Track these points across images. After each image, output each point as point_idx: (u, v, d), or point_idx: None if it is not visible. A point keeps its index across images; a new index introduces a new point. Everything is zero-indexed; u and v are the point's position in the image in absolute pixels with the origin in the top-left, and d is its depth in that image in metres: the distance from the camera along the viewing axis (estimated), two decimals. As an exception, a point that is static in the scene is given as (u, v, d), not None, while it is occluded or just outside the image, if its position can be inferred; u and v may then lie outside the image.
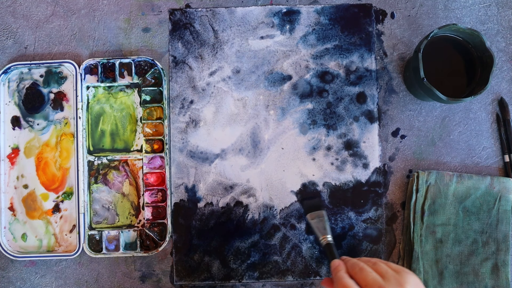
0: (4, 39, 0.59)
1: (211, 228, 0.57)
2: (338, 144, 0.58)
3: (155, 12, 0.59)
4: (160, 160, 0.57)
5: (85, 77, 0.58)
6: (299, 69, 0.58)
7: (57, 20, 0.59)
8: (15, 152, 0.58)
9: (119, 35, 0.59)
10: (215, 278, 0.56)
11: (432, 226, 0.55)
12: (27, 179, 0.58)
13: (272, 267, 0.56)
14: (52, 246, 0.57)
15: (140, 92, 0.58)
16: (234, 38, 0.59)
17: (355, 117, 0.58)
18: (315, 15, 0.59)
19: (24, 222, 0.57)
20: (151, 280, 0.57)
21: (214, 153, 0.58)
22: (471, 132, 0.58)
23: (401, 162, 0.58)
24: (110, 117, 0.58)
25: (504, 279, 0.54)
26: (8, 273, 0.57)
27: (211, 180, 0.57)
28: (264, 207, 0.57)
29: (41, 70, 0.59)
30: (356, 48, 0.58)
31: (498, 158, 0.58)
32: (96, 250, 0.56)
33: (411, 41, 0.59)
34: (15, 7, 0.60)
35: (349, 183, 0.57)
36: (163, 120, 0.57)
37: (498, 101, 0.58)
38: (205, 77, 0.58)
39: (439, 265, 0.55)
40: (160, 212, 0.57)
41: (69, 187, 0.58)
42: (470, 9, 0.59)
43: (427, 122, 0.58)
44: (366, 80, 0.58)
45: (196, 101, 0.58)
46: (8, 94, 0.59)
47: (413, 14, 0.59)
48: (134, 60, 0.58)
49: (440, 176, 0.56)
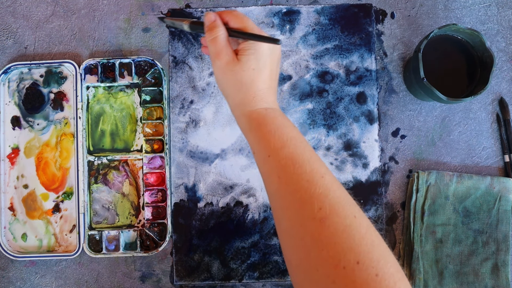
0: (4, 39, 0.59)
1: (211, 228, 0.57)
2: (338, 144, 0.58)
3: (155, 12, 0.59)
4: (160, 160, 0.57)
5: (85, 77, 0.58)
6: (299, 69, 0.58)
7: (57, 20, 0.59)
8: (15, 152, 0.58)
9: (119, 35, 0.59)
10: (215, 278, 0.56)
11: (432, 226, 0.55)
12: (27, 179, 0.58)
13: (272, 267, 0.56)
14: (52, 246, 0.57)
15: (140, 92, 0.58)
16: (234, 38, 0.59)
17: (355, 117, 0.58)
18: (315, 15, 0.59)
19: (24, 222, 0.57)
20: (151, 280, 0.57)
21: (214, 153, 0.58)
22: (471, 132, 0.58)
23: (401, 162, 0.58)
24: (110, 117, 0.58)
25: (504, 279, 0.54)
26: (8, 273, 0.57)
27: (211, 180, 0.57)
28: (264, 207, 0.57)
29: (41, 70, 0.59)
30: (356, 48, 0.58)
31: (498, 158, 0.58)
32: (96, 250, 0.56)
33: (411, 41, 0.59)
34: (15, 7, 0.60)
35: (349, 183, 0.57)
36: (163, 120, 0.57)
37: (498, 101, 0.58)
38: (205, 77, 0.58)
39: (439, 265, 0.55)
40: (160, 212, 0.57)
41: (69, 187, 0.58)
42: (470, 9, 0.59)
43: (427, 122, 0.58)
44: (366, 80, 0.58)
45: (196, 101, 0.58)
46: (8, 94, 0.59)
47: (413, 14, 0.59)
48: (134, 60, 0.58)
49: (440, 176, 0.56)
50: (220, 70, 0.40)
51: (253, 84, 0.39)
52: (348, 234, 0.32)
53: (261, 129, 0.39)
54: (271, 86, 0.41)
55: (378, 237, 0.33)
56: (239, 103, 0.40)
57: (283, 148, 0.37)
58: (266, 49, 0.39)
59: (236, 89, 0.40)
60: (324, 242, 0.32)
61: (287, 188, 0.36)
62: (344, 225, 0.32)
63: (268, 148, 0.38)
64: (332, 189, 0.34)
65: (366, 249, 0.31)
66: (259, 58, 0.39)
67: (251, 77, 0.39)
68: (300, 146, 0.37)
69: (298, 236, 0.34)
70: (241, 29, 0.40)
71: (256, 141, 0.39)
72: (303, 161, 0.36)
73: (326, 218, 0.33)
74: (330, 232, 0.32)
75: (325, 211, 0.33)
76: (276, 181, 0.37)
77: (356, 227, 0.32)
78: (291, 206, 0.35)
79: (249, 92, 0.40)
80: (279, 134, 0.38)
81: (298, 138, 0.38)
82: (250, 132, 0.40)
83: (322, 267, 0.32)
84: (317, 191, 0.34)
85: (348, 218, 0.33)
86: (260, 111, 0.40)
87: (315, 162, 0.36)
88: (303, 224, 0.34)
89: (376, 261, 0.31)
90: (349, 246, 0.31)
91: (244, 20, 0.40)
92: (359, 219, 0.33)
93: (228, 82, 0.40)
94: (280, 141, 0.37)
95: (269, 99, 0.40)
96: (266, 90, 0.40)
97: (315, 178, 0.35)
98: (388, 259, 0.31)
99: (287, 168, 0.36)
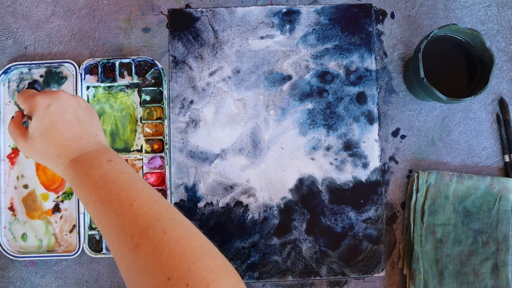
0: (4, 39, 0.59)
1: (211, 228, 0.57)
2: (338, 144, 0.58)
3: (155, 12, 0.59)
4: (160, 160, 0.57)
5: (85, 77, 0.58)
6: (299, 69, 0.58)
7: (57, 20, 0.59)
8: (15, 152, 0.58)
9: (119, 35, 0.59)
10: (215, 278, 0.56)
11: (432, 226, 0.55)
12: (27, 179, 0.58)
13: (272, 267, 0.56)
14: (52, 246, 0.57)
15: (140, 92, 0.58)
16: (234, 38, 0.59)
17: (355, 117, 0.58)
18: (315, 15, 0.59)
19: (24, 222, 0.57)
20: (151, 280, 0.57)
21: (214, 153, 0.58)
22: (471, 132, 0.58)
23: (401, 162, 0.58)
24: (110, 117, 0.58)
25: (504, 279, 0.54)
26: (8, 273, 0.57)
27: (211, 180, 0.57)
28: (264, 207, 0.57)
29: (41, 70, 0.59)
30: (356, 48, 0.58)
31: (498, 158, 0.58)
32: (96, 250, 0.56)
33: (411, 41, 0.59)
34: (15, 7, 0.60)
35: (349, 183, 0.57)
36: (163, 120, 0.57)
37: (498, 101, 0.58)
38: (205, 77, 0.58)
39: (439, 265, 0.55)
40: (160, 212, 0.57)
41: (69, 187, 0.58)
42: (470, 9, 0.59)
43: (427, 122, 0.58)
44: (366, 80, 0.58)
45: (196, 101, 0.58)
46: (8, 94, 0.59)
47: (413, 14, 0.59)
48: (134, 60, 0.58)
49: (440, 176, 0.56)
50: (22, 150, 0.46)
51: (49, 147, 0.43)
52: (156, 254, 0.33)
53: (75, 181, 0.41)
54: (72, 136, 0.43)
55: (193, 240, 0.34)
56: (53, 165, 0.44)
57: (94, 192, 0.39)
58: (40, 108, 0.44)
59: (42, 157, 0.44)
60: (140, 270, 0.33)
61: (104, 228, 0.38)
62: (153, 245, 0.34)
63: (83, 197, 0.40)
64: (141, 213, 0.36)
65: (174, 262, 0.32)
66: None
67: (43, 143, 0.43)
68: (109, 182, 0.39)
69: (122, 268, 0.36)
70: (25, 107, 0.46)
71: (76, 192, 0.41)
72: (112, 197, 0.37)
73: (138, 245, 0.34)
74: (143, 258, 0.33)
75: (136, 238, 0.34)
76: (97, 223, 0.39)
77: (164, 243, 0.33)
78: (112, 241, 0.37)
79: (51, 154, 0.43)
80: (87, 179, 0.40)
81: (108, 174, 0.39)
82: (72, 185, 0.42)
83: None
84: (126, 222, 0.36)
85: (156, 237, 0.34)
86: (69, 165, 0.42)
87: (124, 192, 0.38)
88: (123, 257, 0.35)
89: (186, 270, 0.32)
90: (159, 266, 0.33)
91: (22, 100, 0.46)
92: (170, 233, 0.34)
93: (34, 155, 0.45)
94: (90, 186, 0.39)
95: (71, 149, 0.43)
96: (66, 144, 0.43)
97: (123, 209, 0.36)
98: (201, 262, 0.32)
99: (101, 210, 0.38)
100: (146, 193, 0.38)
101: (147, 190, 0.39)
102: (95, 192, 0.39)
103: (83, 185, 0.40)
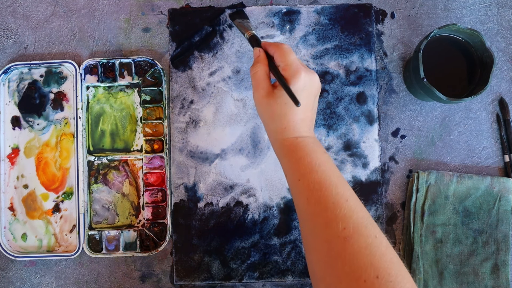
0: (4, 39, 0.59)
1: (211, 228, 0.57)
2: (338, 144, 0.58)
3: (155, 12, 0.59)
4: (160, 160, 0.57)
5: (85, 77, 0.58)
6: (299, 69, 0.58)
7: (57, 20, 0.59)
8: (15, 152, 0.58)
9: (119, 35, 0.59)
10: (215, 278, 0.56)
11: (432, 226, 0.56)
12: (27, 179, 0.58)
13: (272, 267, 0.56)
14: (52, 246, 0.57)
15: (140, 92, 0.58)
16: (234, 38, 0.59)
17: (355, 117, 0.58)
18: (315, 15, 0.59)
19: (24, 222, 0.57)
20: (151, 280, 0.57)
21: (214, 153, 0.58)
22: (471, 132, 0.58)
23: (401, 162, 0.58)
24: (110, 117, 0.58)
25: (504, 279, 0.54)
26: (8, 273, 0.57)
27: (211, 180, 0.57)
28: (264, 207, 0.57)
29: (41, 70, 0.59)
30: (356, 48, 0.58)
31: (498, 158, 0.58)
32: (96, 250, 0.56)
33: (411, 41, 0.59)
34: (15, 7, 0.60)
35: (349, 183, 0.57)
36: (163, 120, 0.57)
37: (498, 101, 0.58)
38: (205, 77, 0.58)
39: (439, 265, 0.55)
40: (160, 212, 0.57)
41: (69, 187, 0.58)
42: (470, 9, 0.59)
43: (427, 122, 0.58)
44: (366, 80, 0.58)
45: (196, 101, 0.58)
46: (8, 94, 0.59)
47: (413, 14, 0.59)
48: (134, 60, 0.58)
49: (440, 176, 0.56)
50: (257, 101, 0.45)
51: (285, 116, 0.43)
52: (370, 252, 0.35)
53: (292, 156, 0.42)
54: (305, 117, 0.44)
55: (396, 256, 0.36)
56: (273, 131, 0.44)
57: (311, 173, 0.40)
58: (301, 84, 0.42)
59: (270, 118, 0.44)
60: (347, 258, 0.35)
61: (314, 208, 0.39)
62: (366, 243, 0.36)
63: (298, 172, 0.41)
64: (356, 211, 0.38)
65: (386, 265, 0.35)
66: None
67: (283, 110, 0.43)
68: (328, 171, 0.41)
69: (323, 251, 0.37)
70: (283, 67, 0.43)
71: (287, 166, 0.43)
72: (330, 185, 0.39)
73: (350, 237, 0.36)
74: (353, 249, 0.36)
75: (349, 230, 0.36)
76: (305, 202, 0.40)
77: (377, 245, 0.36)
78: (318, 225, 0.39)
79: (281, 123, 0.43)
80: (308, 160, 0.41)
81: (326, 163, 0.41)
82: (283, 157, 0.44)
83: (345, 280, 0.35)
84: (341, 213, 0.38)
85: (369, 237, 0.36)
86: (291, 140, 0.43)
87: (341, 187, 0.40)
88: (328, 241, 0.37)
89: (394, 276, 0.34)
90: (370, 262, 0.35)
91: (287, 58, 0.43)
92: (380, 238, 0.37)
93: (264, 112, 0.45)
94: (309, 167, 0.41)
95: (302, 129, 0.43)
96: (298, 121, 0.43)
97: (340, 201, 0.38)
98: (405, 275, 0.35)
99: (315, 192, 0.40)
100: (355, 195, 0.40)
101: (354, 192, 0.41)
102: (313, 175, 0.40)
103: (301, 164, 0.41)
